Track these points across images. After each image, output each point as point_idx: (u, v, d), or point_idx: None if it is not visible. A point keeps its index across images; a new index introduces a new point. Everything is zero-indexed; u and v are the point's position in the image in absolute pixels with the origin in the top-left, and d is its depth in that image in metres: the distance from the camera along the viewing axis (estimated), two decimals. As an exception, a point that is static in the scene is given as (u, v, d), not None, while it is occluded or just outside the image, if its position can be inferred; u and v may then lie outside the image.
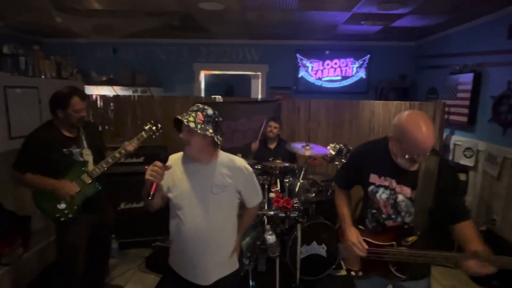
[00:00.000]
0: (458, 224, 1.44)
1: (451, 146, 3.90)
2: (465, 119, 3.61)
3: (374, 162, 1.57)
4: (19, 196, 2.87)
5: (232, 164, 1.61)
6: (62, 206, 2.16)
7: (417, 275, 1.56)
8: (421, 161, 1.44)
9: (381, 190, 1.54)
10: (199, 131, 1.46)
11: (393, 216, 1.53)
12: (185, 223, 1.55)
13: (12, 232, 2.53)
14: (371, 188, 1.57)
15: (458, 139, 3.78)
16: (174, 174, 1.58)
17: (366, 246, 1.54)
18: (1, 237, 2.44)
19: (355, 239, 1.55)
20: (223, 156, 1.64)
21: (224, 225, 1.62)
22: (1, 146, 2.71)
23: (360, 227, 1.65)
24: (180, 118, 1.48)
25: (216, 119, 1.54)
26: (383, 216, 1.56)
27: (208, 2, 3.15)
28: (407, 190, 1.48)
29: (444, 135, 3.91)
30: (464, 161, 3.56)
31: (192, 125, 1.45)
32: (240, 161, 1.65)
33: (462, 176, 3.27)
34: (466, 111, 3.59)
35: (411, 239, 1.48)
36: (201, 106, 1.54)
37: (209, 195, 1.55)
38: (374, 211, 1.59)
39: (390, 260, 1.50)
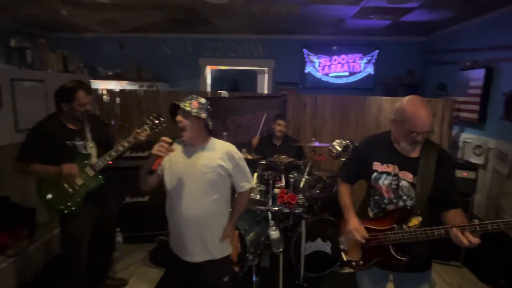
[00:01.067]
0: (449, 211, 1.51)
1: (460, 144, 3.82)
2: (475, 116, 3.52)
3: (377, 151, 1.67)
4: (25, 188, 2.90)
5: (222, 148, 1.75)
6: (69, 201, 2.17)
7: (419, 264, 1.61)
8: (421, 140, 1.54)
9: (383, 176, 1.63)
10: (194, 114, 1.63)
11: (395, 201, 1.61)
12: (175, 201, 1.70)
13: (18, 224, 2.56)
14: (374, 175, 1.65)
15: (468, 136, 3.71)
16: (171, 156, 1.71)
17: (366, 234, 1.60)
18: (7, 229, 2.48)
19: (357, 225, 1.63)
20: (215, 141, 1.79)
21: (212, 206, 1.72)
22: (7, 138, 2.74)
23: (362, 216, 1.71)
24: (177, 103, 1.66)
25: (208, 107, 1.72)
26: (385, 201, 1.63)
27: (213, -5, 3.12)
28: (409, 176, 1.57)
29: (454, 132, 3.83)
30: (474, 159, 3.49)
31: (188, 108, 1.63)
32: (230, 145, 1.79)
33: (471, 174, 3.20)
34: (476, 107, 3.50)
35: (413, 224, 1.53)
36: (195, 96, 1.72)
37: (198, 175, 1.68)
38: (376, 197, 1.67)
39: (390, 243, 1.56)
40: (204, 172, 1.68)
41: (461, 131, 3.90)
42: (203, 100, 1.71)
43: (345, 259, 1.76)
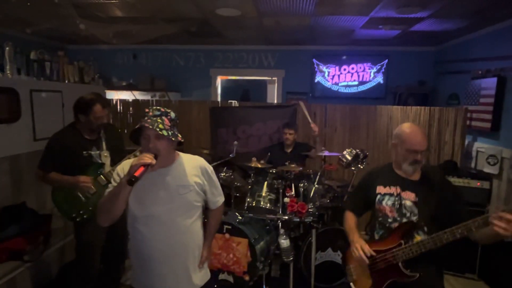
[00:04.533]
0: None
1: (474, 154, 3.76)
2: (488, 125, 3.48)
3: (380, 177, 1.78)
4: (41, 195, 2.98)
5: (196, 163, 1.57)
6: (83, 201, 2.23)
7: (429, 282, 1.60)
8: (421, 160, 1.64)
9: (386, 197, 1.71)
10: (173, 139, 1.42)
11: (398, 219, 1.65)
12: (148, 231, 1.46)
13: (34, 230, 2.62)
14: (378, 197, 1.73)
15: (481, 146, 3.65)
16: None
17: (371, 251, 1.61)
18: (24, 234, 2.54)
19: (362, 243, 1.66)
20: (183, 155, 1.58)
21: (192, 229, 1.55)
22: (26, 147, 2.83)
23: (369, 240, 1.74)
24: (151, 127, 1.36)
25: (177, 121, 1.50)
26: (389, 220, 1.68)
27: (225, 8, 3.20)
28: (412, 195, 1.65)
29: (466, 141, 3.78)
30: (488, 169, 3.43)
31: (165, 133, 1.38)
32: (201, 159, 1.61)
33: (485, 184, 3.15)
34: (489, 117, 3.46)
35: (419, 237, 1.56)
36: (162, 109, 1.46)
37: (175, 198, 1.47)
38: (380, 218, 1.71)
39: (399, 260, 1.56)
40: (181, 194, 1.48)
41: (474, 140, 3.85)
42: (173, 114, 1.47)
43: None
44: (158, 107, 1.47)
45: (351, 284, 1.75)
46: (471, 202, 3.07)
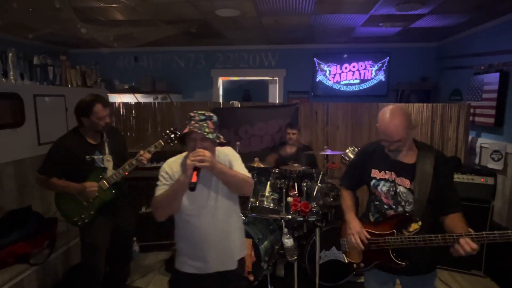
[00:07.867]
0: (448, 216, 1.54)
1: (477, 149, 3.74)
2: (491, 120, 3.45)
3: (374, 159, 1.71)
4: (47, 198, 3.00)
5: (224, 152, 1.70)
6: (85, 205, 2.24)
7: (421, 268, 1.62)
8: (393, 149, 1.58)
9: (381, 183, 1.67)
10: (217, 141, 1.59)
11: (394, 206, 1.64)
12: (201, 223, 1.63)
13: (40, 233, 2.65)
14: (372, 182, 1.70)
15: (485, 141, 3.63)
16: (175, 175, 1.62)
17: (368, 236, 1.62)
18: (30, 237, 2.56)
19: (358, 229, 1.65)
20: (217, 149, 1.72)
21: (234, 211, 1.72)
22: (30, 151, 2.86)
23: (363, 219, 1.74)
24: (199, 131, 1.52)
25: (218, 123, 1.66)
26: (385, 206, 1.67)
27: (224, 9, 3.21)
28: (406, 182, 1.60)
29: (470, 137, 3.76)
30: (492, 165, 3.40)
31: (211, 136, 1.54)
32: (226, 149, 1.73)
33: (490, 180, 3.12)
34: (492, 112, 3.44)
35: (412, 228, 1.54)
36: (206, 114, 1.61)
37: (217, 187, 1.64)
38: (377, 203, 1.70)
39: (390, 248, 1.58)
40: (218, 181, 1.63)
41: (477, 136, 3.83)
42: (215, 118, 1.64)
43: (346, 261, 1.79)
44: (202, 112, 1.60)
45: (343, 255, 1.81)
46: (476, 199, 3.05)
